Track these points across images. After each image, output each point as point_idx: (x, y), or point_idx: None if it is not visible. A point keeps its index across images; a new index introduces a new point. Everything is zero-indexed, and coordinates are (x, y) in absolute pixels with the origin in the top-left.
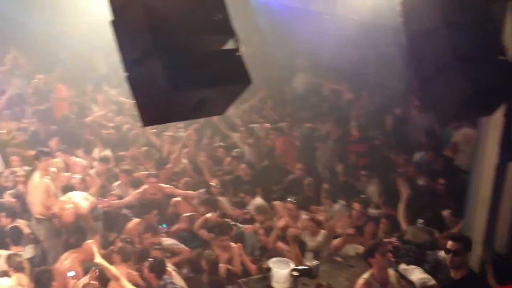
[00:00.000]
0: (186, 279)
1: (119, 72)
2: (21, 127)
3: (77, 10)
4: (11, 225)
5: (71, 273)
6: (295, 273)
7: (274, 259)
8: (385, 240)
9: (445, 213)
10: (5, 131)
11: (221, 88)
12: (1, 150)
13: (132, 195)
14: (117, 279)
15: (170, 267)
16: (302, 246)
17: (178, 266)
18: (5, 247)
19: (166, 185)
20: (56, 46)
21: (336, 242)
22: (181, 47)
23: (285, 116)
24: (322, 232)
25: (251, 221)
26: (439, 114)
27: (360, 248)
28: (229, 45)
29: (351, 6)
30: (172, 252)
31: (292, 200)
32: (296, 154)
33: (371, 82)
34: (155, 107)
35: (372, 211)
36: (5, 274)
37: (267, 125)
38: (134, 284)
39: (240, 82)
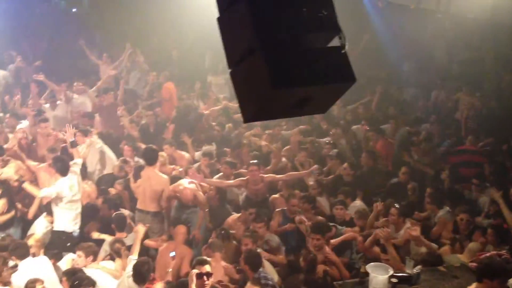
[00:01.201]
0: (282, 275)
1: (226, 70)
2: (133, 119)
3: (192, 8)
4: (116, 212)
5: (172, 253)
6: (394, 280)
7: (372, 264)
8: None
9: None
10: (122, 123)
11: (324, 86)
12: (116, 143)
13: (235, 180)
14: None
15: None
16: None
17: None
18: (111, 232)
19: (267, 175)
20: (170, 44)
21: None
22: (285, 44)
23: (389, 118)
24: (427, 243)
25: (350, 223)
26: None
27: (463, 258)
28: (334, 42)
29: (467, 4)
30: (270, 248)
31: (396, 205)
32: (398, 157)
33: (487, 85)
34: (257, 103)
35: (482, 221)
36: (111, 257)
37: (366, 127)
38: (230, 277)
39: (344, 80)
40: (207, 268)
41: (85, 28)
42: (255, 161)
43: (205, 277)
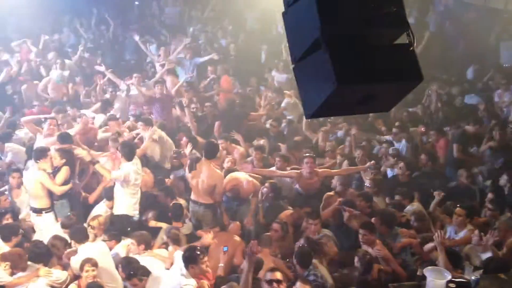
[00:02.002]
0: (335, 274)
1: (283, 65)
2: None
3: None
4: (174, 202)
5: (225, 248)
6: (452, 285)
7: (430, 267)
8: None
9: None
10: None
11: (390, 84)
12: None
13: (289, 172)
14: None
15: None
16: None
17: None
18: (168, 221)
19: (321, 169)
20: (227, 38)
21: None
22: (352, 40)
23: (449, 120)
24: (493, 249)
25: (406, 225)
26: None
27: None
28: (402, 39)
29: None
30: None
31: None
32: (456, 160)
33: None
34: (320, 100)
35: None
36: (165, 245)
37: (422, 129)
38: (282, 271)
39: (411, 79)
40: (278, 275)
41: (145, 20)
42: (312, 153)
43: (275, 284)
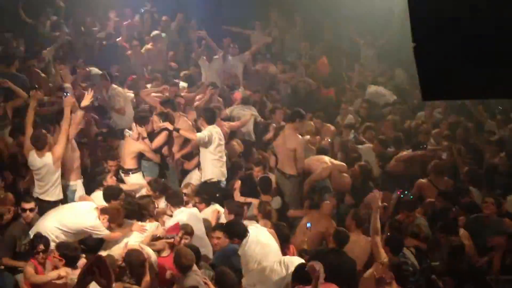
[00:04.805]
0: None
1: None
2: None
3: None
4: (262, 175)
5: (308, 224)
6: None
7: None
8: None
9: None
10: None
11: None
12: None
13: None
14: None
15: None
16: None
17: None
18: (256, 195)
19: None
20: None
21: None
22: (481, 21)
23: None
24: None
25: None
26: None
27: None
28: None
29: None
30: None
31: None
32: None
33: None
34: (440, 81)
35: None
36: (254, 218)
37: None
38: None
39: None
40: None
41: None
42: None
43: None
